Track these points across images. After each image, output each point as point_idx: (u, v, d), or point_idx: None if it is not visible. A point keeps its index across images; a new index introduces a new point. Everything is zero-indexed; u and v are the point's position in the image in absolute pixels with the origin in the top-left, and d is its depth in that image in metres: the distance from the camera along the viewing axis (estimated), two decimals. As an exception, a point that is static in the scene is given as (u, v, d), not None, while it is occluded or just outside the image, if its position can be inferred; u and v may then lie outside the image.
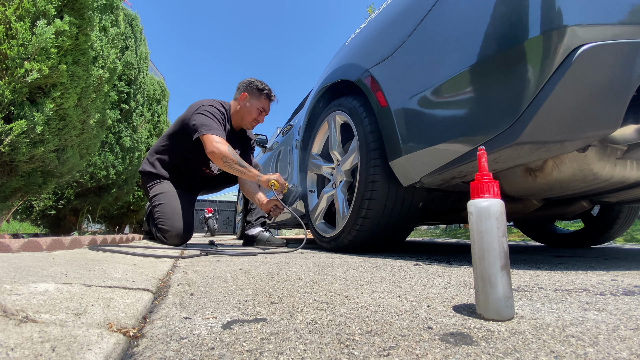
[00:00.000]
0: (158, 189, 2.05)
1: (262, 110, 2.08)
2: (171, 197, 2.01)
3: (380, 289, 0.67)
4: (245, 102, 2.06)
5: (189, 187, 2.19)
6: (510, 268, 0.73)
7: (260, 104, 2.07)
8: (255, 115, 2.07)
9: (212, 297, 0.59)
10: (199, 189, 2.32)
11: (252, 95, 2.06)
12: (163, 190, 2.03)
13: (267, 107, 2.11)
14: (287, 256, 1.38)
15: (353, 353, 0.35)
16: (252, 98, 2.06)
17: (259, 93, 2.06)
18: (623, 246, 2.46)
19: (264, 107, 2.09)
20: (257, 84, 2.08)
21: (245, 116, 2.07)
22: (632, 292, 0.63)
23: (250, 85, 2.07)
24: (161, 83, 4.68)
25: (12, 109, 1.36)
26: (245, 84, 2.09)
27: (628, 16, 0.77)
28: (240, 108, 2.07)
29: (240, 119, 2.09)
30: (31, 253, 0.91)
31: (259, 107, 2.07)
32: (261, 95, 2.07)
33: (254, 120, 2.09)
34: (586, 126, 0.80)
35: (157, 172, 2.08)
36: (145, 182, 2.14)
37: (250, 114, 2.07)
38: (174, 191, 2.04)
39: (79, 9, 1.55)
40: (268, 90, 2.09)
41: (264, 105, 2.09)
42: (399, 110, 1.19)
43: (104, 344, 0.35)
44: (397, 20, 1.27)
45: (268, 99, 2.10)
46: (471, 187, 0.48)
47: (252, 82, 2.08)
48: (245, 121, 2.09)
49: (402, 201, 1.35)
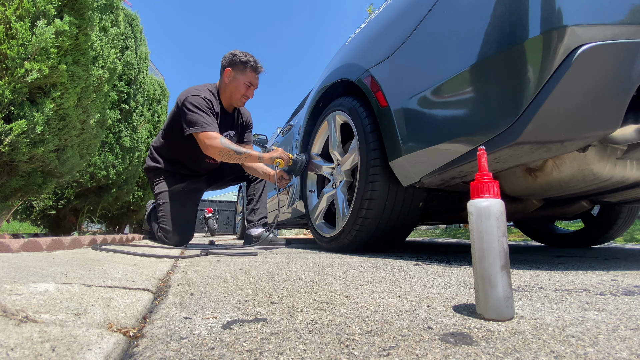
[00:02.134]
0: (164, 186, 2.02)
1: (249, 85, 1.94)
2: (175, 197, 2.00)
3: (380, 289, 0.67)
4: (230, 78, 1.91)
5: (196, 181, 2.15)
6: (510, 268, 0.73)
7: (246, 78, 1.92)
8: (243, 90, 1.93)
9: (212, 297, 0.59)
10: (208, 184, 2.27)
11: (236, 70, 1.91)
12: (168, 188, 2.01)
13: (254, 81, 1.96)
14: (287, 256, 1.38)
15: (353, 353, 0.35)
16: (237, 73, 1.91)
17: (243, 66, 1.90)
18: (623, 246, 2.46)
19: (250, 81, 1.94)
20: (240, 56, 1.91)
21: (233, 93, 1.94)
22: (632, 292, 0.63)
23: (233, 60, 1.91)
24: (161, 83, 4.67)
25: (12, 109, 1.36)
26: (228, 59, 1.93)
27: (628, 16, 0.77)
28: (227, 85, 1.93)
29: (229, 97, 1.96)
30: (31, 253, 0.91)
31: (246, 82, 1.92)
32: (246, 69, 1.91)
33: (242, 97, 1.95)
34: (586, 126, 0.80)
35: (162, 167, 2.05)
36: (152, 178, 2.11)
37: (237, 90, 1.93)
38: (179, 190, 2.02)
39: (79, 8, 1.55)
40: (253, 61, 1.92)
41: (250, 79, 1.93)
42: (399, 110, 1.19)
43: (104, 344, 0.35)
44: (397, 20, 1.27)
45: (254, 71, 1.94)
46: (471, 187, 0.48)
47: (235, 55, 1.92)
48: (234, 98, 1.96)
49: (402, 201, 1.35)
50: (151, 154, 2.13)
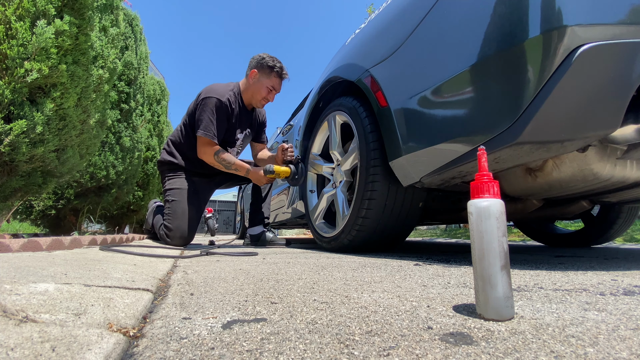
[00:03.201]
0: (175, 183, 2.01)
1: (271, 89, 2.00)
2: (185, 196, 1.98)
3: (380, 289, 0.67)
4: (255, 79, 1.97)
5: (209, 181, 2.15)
6: (510, 268, 0.73)
7: (270, 82, 1.98)
8: (265, 93, 1.99)
9: (212, 297, 0.59)
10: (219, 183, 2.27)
11: (262, 72, 1.97)
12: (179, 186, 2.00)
13: (277, 86, 2.01)
14: (287, 256, 1.38)
15: (353, 353, 0.35)
16: (262, 76, 1.97)
17: (269, 70, 1.96)
18: (623, 246, 2.46)
19: (274, 86, 2.00)
20: (268, 60, 1.96)
21: (254, 94, 2.00)
22: (632, 292, 0.63)
23: (260, 62, 1.97)
24: (161, 83, 4.67)
25: (12, 109, 1.36)
26: (256, 61, 1.99)
27: (628, 16, 0.77)
28: (250, 85, 1.99)
29: (250, 96, 2.02)
30: (31, 253, 0.91)
31: (269, 86, 1.98)
32: (271, 73, 1.97)
33: (263, 99, 2.02)
34: (586, 126, 0.80)
35: (177, 161, 2.05)
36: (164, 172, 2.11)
37: (259, 92, 1.99)
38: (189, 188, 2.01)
39: (79, 8, 1.55)
40: (279, 67, 1.98)
41: (274, 83, 1.99)
42: (399, 110, 1.19)
43: (104, 344, 0.35)
44: (397, 20, 1.27)
45: (279, 77, 2.00)
46: (471, 187, 0.48)
47: (263, 59, 1.97)
48: (255, 99, 2.02)
49: (402, 201, 1.35)
50: (168, 147, 2.11)
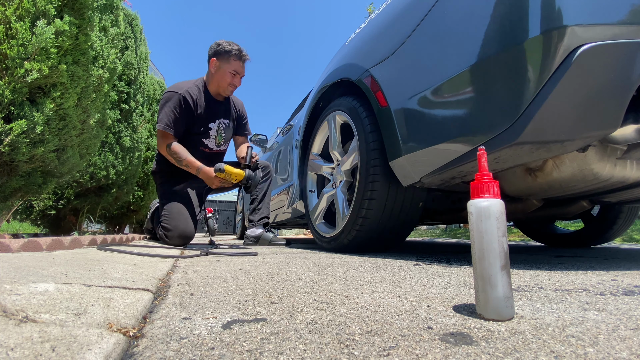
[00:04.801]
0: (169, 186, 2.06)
1: (235, 73, 1.98)
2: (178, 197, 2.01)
3: (380, 289, 0.67)
4: (216, 67, 1.96)
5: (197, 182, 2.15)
6: (510, 268, 0.73)
7: (231, 66, 1.96)
8: (229, 79, 1.98)
9: (212, 297, 0.59)
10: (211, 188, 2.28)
11: (221, 59, 1.95)
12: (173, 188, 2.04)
13: (239, 69, 1.99)
14: (287, 256, 1.38)
15: (353, 353, 0.35)
16: (222, 62, 1.96)
17: (227, 55, 1.95)
18: (623, 246, 2.46)
19: (236, 70, 1.97)
20: (224, 45, 1.95)
21: (219, 82, 1.99)
22: (632, 292, 0.63)
23: (217, 50, 1.95)
24: (161, 83, 4.67)
25: (12, 109, 1.36)
26: (212, 49, 1.97)
27: (628, 16, 0.77)
28: (213, 75, 1.98)
29: (217, 85, 2.01)
30: (31, 253, 0.91)
31: (231, 70, 1.96)
32: (230, 57, 1.95)
33: (229, 85, 2.00)
34: (586, 126, 0.80)
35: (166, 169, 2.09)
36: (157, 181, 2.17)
37: (224, 79, 1.98)
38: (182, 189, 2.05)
39: (79, 8, 1.55)
40: (237, 49, 1.96)
41: (235, 67, 1.97)
42: (399, 110, 1.19)
43: (104, 344, 0.35)
44: (397, 20, 1.27)
45: (239, 59, 1.98)
46: (471, 187, 0.48)
47: (220, 45, 1.96)
48: (222, 87, 2.01)
49: (402, 201, 1.35)
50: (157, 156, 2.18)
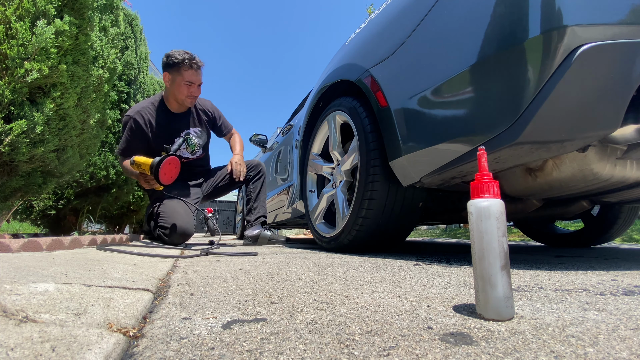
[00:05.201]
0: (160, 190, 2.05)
1: (190, 83, 1.89)
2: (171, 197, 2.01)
3: (380, 289, 0.67)
4: (170, 81, 1.89)
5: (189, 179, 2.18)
6: (510, 268, 0.73)
7: (183, 78, 1.87)
8: (185, 91, 1.90)
9: (212, 297, 0.59)
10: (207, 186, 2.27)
11: (172, 72, 1.87)
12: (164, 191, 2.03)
13: (193, 77, 1.89)
14: (287, 256, 1.38)
15: (353, 353, 0.35)
16: (174, 74, 1.87)
17: (177, 67, 1.85)
18: (623, 246, 2.46)
19: (190, 80, 1.88)
20: (173, 56, 1.85)
21: (177, 95, 1.92)
22: (632, 292, 0.63)
23: (167, 62, 1.86)
24: (161, 83, 4.67)
25: (12, 109, 1.36)
26: (163, 62, 1.89)
27: (628, 16, 0.77)
28: (169, 89, 1.92)
29: (175, 99, 1.95)
30: (31, 253, 0.91)
31: (185, 82, 1.88)
32: (181, 68, 1.85)
33: (187, 97, 1.92)
34: (586, 126, 0.80)
35: None
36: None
37: (180, 92, 1.90)
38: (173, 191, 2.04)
39: (79, 8, 1.55)
40: (187, 59, 1.85)
41: (188, 77, 1.87)
42: (399, 110, 1.19)
43: (104, 344, 0.35)
44: (397, 20, 1.27)
45: (190, 68, 1.87)
46: (471, 187, 0.48)
47: (169, 57, 1.86)
48: (180, 100, 1.94)
49: (402, 201, 1.35)
50: None
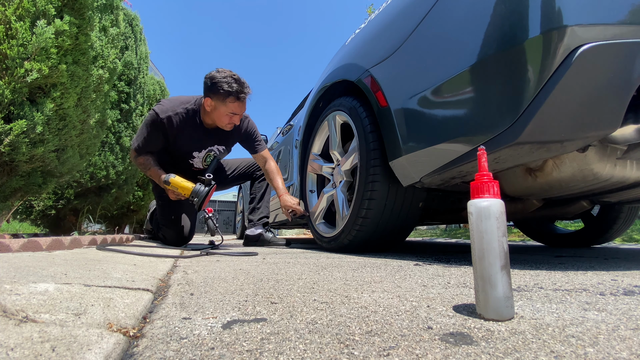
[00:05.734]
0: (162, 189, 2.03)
1: (232, 114, 1.76)
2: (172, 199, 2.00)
3: (380, 289, 0.67)
4: (212, 107, 1.74)
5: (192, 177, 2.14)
6: (510, 268, 0.73)
7: (227, 109, 1.72)
8: (227, 120, 1.77)
9: (212, 297, 0.59)
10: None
11: (216, 99, 1.71)
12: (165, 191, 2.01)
13: (238, 109, 1.75)
14: (287, 256, 1.38)
15: (353, 353, 0.35)
16: (218, 103, 1.72)
17: (224, 97, 1.69)
18: (623, 246, 2.46)
19: (233, 112, 1.74)
20: (221, 83, 1.68)
21: (216, 121, 1.81)
22: (632, 292, 0.63)
23: (212, 88, 1.70)
24: (161, 83, 4.67)
25: (12, 108, 1.36)
26: (208, 86, 1.71)
27: (628, 16, 0.77)
28: (209, 113, 1.79)
29: (212, 122, 1.84)
30: (31, 253, 0.91)
31: (228, 113, 1.74)
32: (227, 99, 1.70)
33: (227, 124, 1.80)
34: (586, 126, 0.80)
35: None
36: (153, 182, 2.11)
37: (220, 120, 1.78)
38: None
39: (79, 8, 1.55)
40: (236, 90, 1.69)
41: (232, 109, 1.73)
42: (399, 110, 1.19)
43: (104, 344, 0.35)
44: (396, 20, 1.27)
45: (237, 100, 1.72)
46: (471, 187, 0.48)
47: (216, 83, 1.68)
48: (220, 125, 1.83)
49: (402, 201, 1.35)
50: None
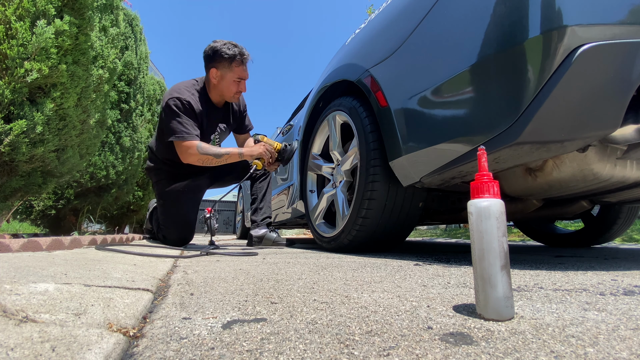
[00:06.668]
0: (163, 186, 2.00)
1: (239, 80, 1.81)
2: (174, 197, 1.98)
3: (380, 289, 0.67)
4: (218, 78, 1.79)
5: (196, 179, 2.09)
6: (510, 268, 0.73)
7: (234, 74, 1.77)
8: (235, 88, 1.81)
9: (212, 297, 0.59)
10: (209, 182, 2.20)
11: (222, 68, 1.76)
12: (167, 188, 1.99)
13: (243, 74, 1.80)
14: (287, 256, 1.38)
15: (353, 353, 0.35)
16: (224, 71, 1.77)
17: (228, 63, 1.75)
18: (623, 246, 2.46)
19: (240, 76, 1.80)
20: (223, 51, 1.74)
21: (224, 92, 1.84)
22: (632, 292, 0.63)
23: (216, 56, 1.75)
24: (161, 83, 4.68)
25: (12, 108, 1.36)
26: (209, 56, 1.76)
27: (628, 16, 0.77)
28: (216, 86, 1.82)
29: (220, 95, 1.87)
30: (31, 253, 0.91)
31: (235, 79, 1.79)
32: (232, 64, 1.75)
33: (235, 94, 1.84)
34: (586, 126, 0.80)
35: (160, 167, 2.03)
36: (152, 178, 2.10)
37: (228, 89, 1.81)
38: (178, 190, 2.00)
39: (79, 8, 1.56)
40: (239, 53, 1.76)
41: (239, 74, 1.78)
42: (399, 110, 1.19)
43: (104, 344, 0.35)
44: (397, 20, 1.27)
45: (242, 64, 1.79)
46: (471, 187, 0.48)
47: (217, 50, 1.74)
48: (227, 97, 1.87)
49: (402, 201, 1.35)
50: (150, 154, 2.11)
